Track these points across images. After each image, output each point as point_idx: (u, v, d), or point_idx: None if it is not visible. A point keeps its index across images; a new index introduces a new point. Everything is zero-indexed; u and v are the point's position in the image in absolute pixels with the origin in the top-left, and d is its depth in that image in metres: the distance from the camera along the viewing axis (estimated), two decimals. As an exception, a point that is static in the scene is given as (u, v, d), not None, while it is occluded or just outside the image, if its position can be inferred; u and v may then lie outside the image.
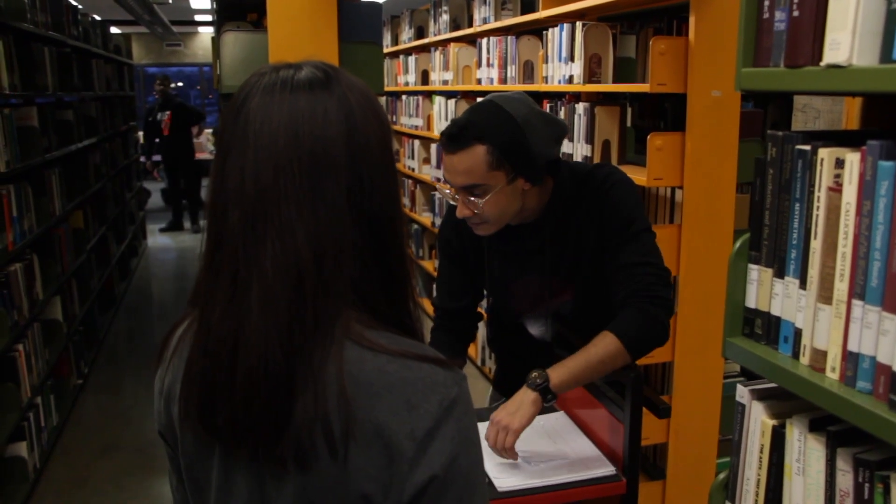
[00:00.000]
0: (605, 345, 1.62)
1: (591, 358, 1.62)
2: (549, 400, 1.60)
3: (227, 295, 0.82)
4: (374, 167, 0.85)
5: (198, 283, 0.88)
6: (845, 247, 0.93)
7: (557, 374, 1.60)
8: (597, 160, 2.88)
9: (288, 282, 0.80)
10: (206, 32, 14.72)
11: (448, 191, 1.74)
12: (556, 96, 3.41)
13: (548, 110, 3.21)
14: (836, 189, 0.94)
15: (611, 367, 1.63)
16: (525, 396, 1.59)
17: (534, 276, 1.83)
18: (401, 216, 0.90)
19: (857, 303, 0.91)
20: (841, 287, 0.93)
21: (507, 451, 1.57)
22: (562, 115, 3.11)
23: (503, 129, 1.60)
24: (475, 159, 1.60)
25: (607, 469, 1.60)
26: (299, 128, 0.82)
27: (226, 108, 0.88)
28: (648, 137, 2.55)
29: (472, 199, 1.65)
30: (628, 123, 3.01)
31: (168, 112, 9.13)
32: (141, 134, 9.82)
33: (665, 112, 2.91)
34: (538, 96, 3.64)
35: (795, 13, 0.97)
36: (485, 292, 1.96)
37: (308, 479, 0.82)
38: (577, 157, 2.98)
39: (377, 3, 2.92)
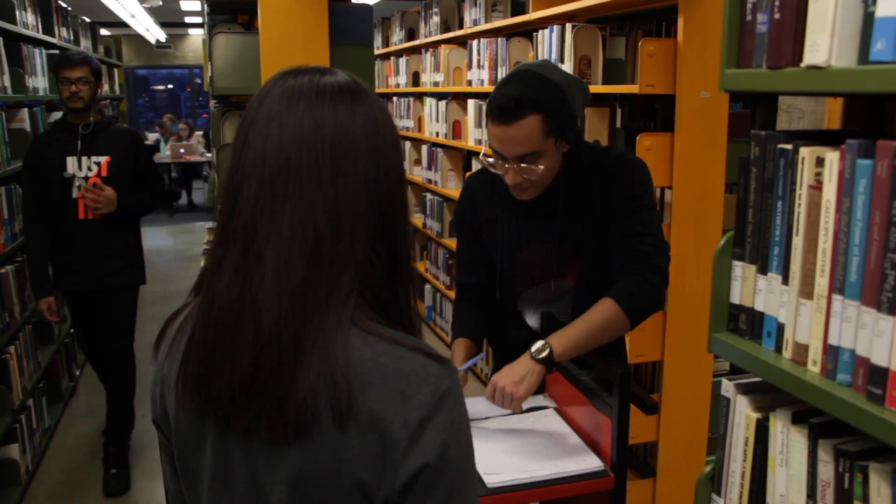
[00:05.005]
0: (604, 310, 1.71)
1: (592, 325, 1.70)
2: (551, 370, 1.68)
3: (237, 262, 0.85)
4: (389, 164, 0.90)
5: (205, 267, 0.91)
6: (825, 243, 0.95)
7: (560, 343, 1.68)
8: (586, 161, 2.90)
9: (305, 249, 0.84)
10: (197, 34, 14.72)
11: (492, 159, 1.78)
12: (546, 98, 3.42)
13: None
14: (817, 187, 0.96)
15: (610, 334, 1.72)
16: (531, 367, 1.66)
17: (541, 243, 1.87)
18: (408, 217, 0.94)
19: (836, 297, 0.93)
20: (821, 282, 0.96)
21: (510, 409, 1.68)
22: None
23: (553, 98, 1.68)
24: (532, 128, 1.67)
25: (596, 465, 1.62)
26: (325, 116, 0.87)
27: (250, 100, 0.93)
28: (637, 138, 2.57)
29: (525, 165, 1.71)
30: (618, 124, 3.04)
31: (106, 157, 3.31)
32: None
33: (655, 113, 2.94)
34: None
35: (777, 16, 0.99)
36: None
37: (304, 465, 0.83)
38: (567, 158, 3.00)
39: (368, 5, 2.94)
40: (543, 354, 1.67)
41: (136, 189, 3.39)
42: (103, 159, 3.34)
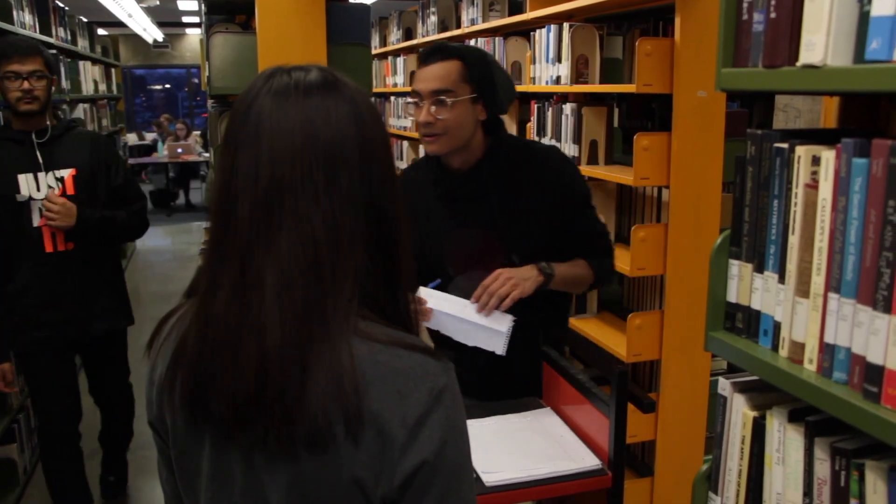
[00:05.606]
0: (586, 269, 1.96)
1: (576, 273, 1.94)
2: (545, 287, 1.83)
3: (234, 281, 0.84)
4: (380, 164, 0.90)
5: (199, 274, 0.90)
6: (821, 242, 0.95)
7: (558, 272, 1.86)
8: (584, 160, 2.91)
9: (305, 266, 0.83)
10: (194, 34, 14.71)
11: (411, 100, 1.90)
12: (543, 97, 3.44)
13: (535, 111, 3.24)
14: (813, 186, 0.97)
15: (579, 287, 2.02)
16: (535, 274, 1.82)
17: (471, 231, 1.93)
18: (403, 212, 0.93)
19: (832, 296, 0.93)
20: (818, 281, 0.96)
21: (498, 299, 1.75)
22: (549, 115, 3.14)
23: (476, 57, 1.87)
24: (450, 69, 1.83)
25: (593, 463, 1.62)
26: (314, 126, 0.86)
27: (233, 107, 0.91)
28: (635, 137, 2.57)
29: (440, 104, 1.82)
30: (615, 124, 3.04)
31: (71, 170, 2.66)
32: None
33: (652, 112, 2.95)
34: (526, 97, 3.66)
35: (773, 15, 1.00)
36: None
37: (304, 466, 0.83)
38: (565, 158, 3.00)
39: (365, 5, 2.94)
40: (549, 270, 1.83)
41: (113, 207, 2.76)
42: (67, 173, 2.65)
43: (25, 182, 2.60)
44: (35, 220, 2.61)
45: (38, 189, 2.61)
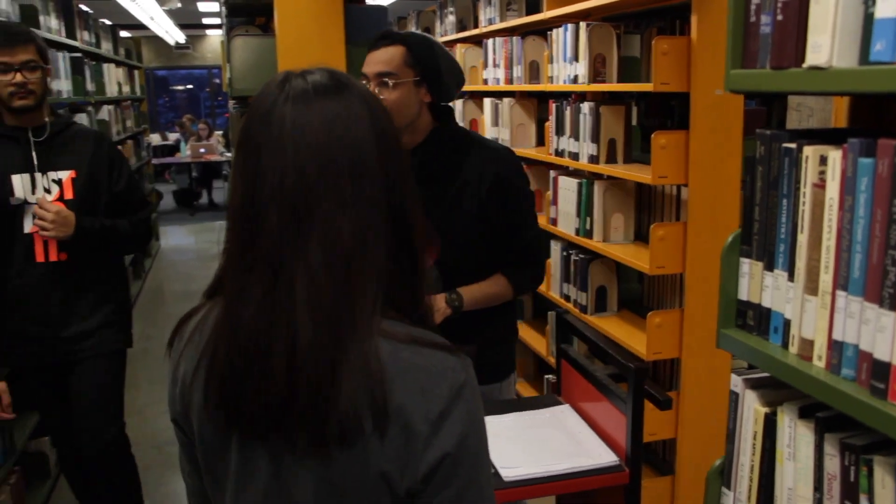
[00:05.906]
0: (504, 287, 2.00)
1: (492, 294, 1.98)
2: (455, 315, 1.89)
3: (265, 290, 0.85)
4: (398, 162, 0.92)
5: (221, 278, 0.92)
6: (829, 240, 0.97)
7: (467, 298, 1.93)
8: (603, 159, 2.92)
9: (336, 273, 0.85)
10: (215, 35, 14.85)
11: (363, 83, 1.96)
12: (561, 96, 3.45)
13: (553, 110, 3.25)
14: (821, 185, 0.98)
15: (495, 303, 2.02)
16: (444, 308, 1.88)
17: None
18: (419, 210, 0.95)
19: (840, 293, 0.95)
20: (826, 279, 0.97)
21: None
22: (567, 114, 3.15)
23: (421, 43, 1.94)
24: (395, 53, 1.91)
25: (611, 459, 1.64)
26: (337, 129, 0.87)
27: (249, 113, 0.91)
28: (653, 136, 2.58)
29: (383, 85, 1.89)
30: (634, 122, 3.05)
31: (70, 172, 2.38)
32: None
33: (672, 111, 2.95)
34: (544, 96, 3.67)
35: (780, 17, 1.01)
36: None
37: (332, 461, 0.86)
38: (583, 157, 3.01)
39: (383, 6, 2.97)
40: (456, 303, 1.90)
41: (114, 214, 2.47)
42: (66, 175, 2.37)
43: (20, 184, 2.33)
44: (27, 225, 2.34)
45: (34, 192, 2.34)
